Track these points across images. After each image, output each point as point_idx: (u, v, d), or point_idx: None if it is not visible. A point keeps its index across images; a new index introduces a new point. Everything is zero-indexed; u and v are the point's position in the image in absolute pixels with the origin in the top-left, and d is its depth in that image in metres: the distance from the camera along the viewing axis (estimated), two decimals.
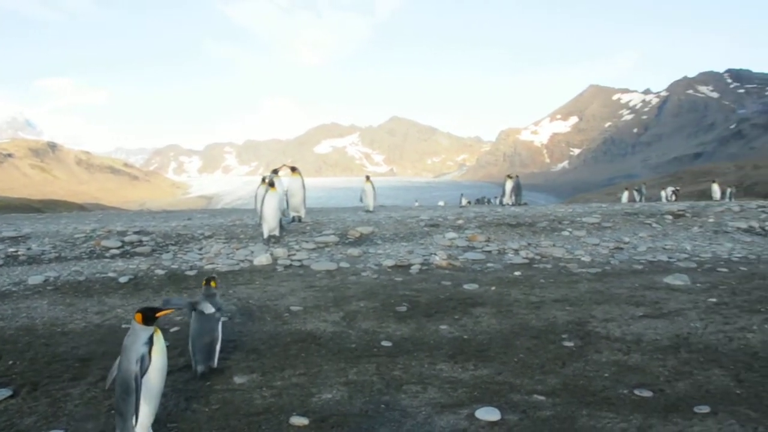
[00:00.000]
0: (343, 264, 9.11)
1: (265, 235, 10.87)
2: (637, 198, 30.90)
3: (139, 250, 10.24)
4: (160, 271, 8.63)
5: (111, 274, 8.45)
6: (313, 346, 5.34)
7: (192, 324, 4.75)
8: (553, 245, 10.32)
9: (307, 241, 10.81)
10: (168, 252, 10.13)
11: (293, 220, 13.05)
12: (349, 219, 13.58)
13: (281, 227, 11.37)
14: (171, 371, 4.00)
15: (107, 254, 10.02)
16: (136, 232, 11.47)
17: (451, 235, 11.16)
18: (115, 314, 6.51)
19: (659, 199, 32.34)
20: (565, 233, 11.58)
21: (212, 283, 5.12)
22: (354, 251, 9.96)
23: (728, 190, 31.54)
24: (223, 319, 5.00)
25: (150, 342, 3.55)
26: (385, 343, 5.40)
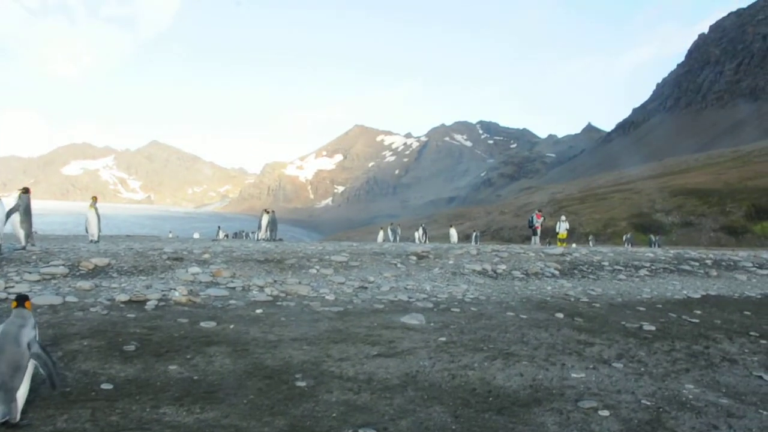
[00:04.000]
0: (71, 298, 8.46)
1: None
2: (392, 238, 32.82)
3: None
4: None
5: None
6: None
7: None
8: (299, 283, 10.53)
9: (30, 272, 9.89)
10: None
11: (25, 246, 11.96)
12: (84, 249, 12.72)
13: None
14: None
15: None
16: None
17: (195, 269, 10.90)
18: None
19: (413, 239, 34.62)
20: (313, 271, 11.87)
21: None
22: (85, 284, 9.31)
23: (474, 234, 34.82)
24: None
25: (35, 327, 4.34)
26: (105, 386, 5.08)
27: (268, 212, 22.23)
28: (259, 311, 8.43)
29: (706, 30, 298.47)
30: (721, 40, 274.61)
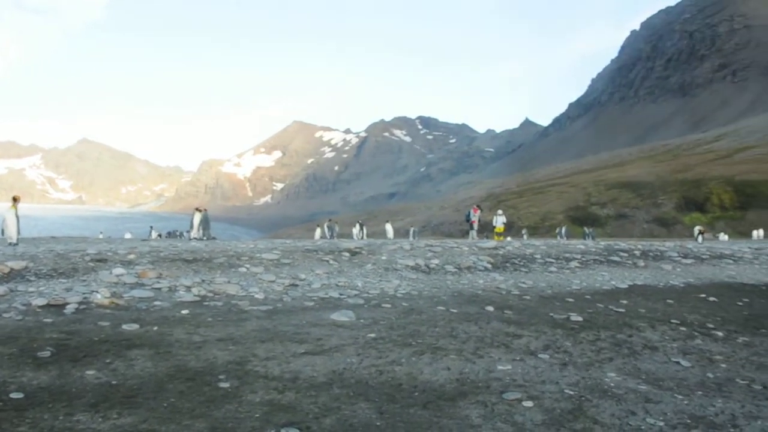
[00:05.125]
0: None
1: None
2: (328, 234, 32.72)
3: None
4: None
5: None
6: None
7: None
8: (228, 282, 10.40)
9: None
10: None
11: None
12: (0, 252, 12.25)
13: None
14: None
15: None
16: None
17: (120, 270, 10.63)
18: None
19: (352, 235, 34.61)
20: (243, 269, 11.74)
21: None
22: None
23: (411, 229, 35.07)
24: None
25: None
26: (15, 395, 4.87)
27: (200, 211, 21.90)
28: (184, 312, 8.27)
29: (637, 27, 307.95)
30: (651, 37, 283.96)
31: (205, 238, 21.68)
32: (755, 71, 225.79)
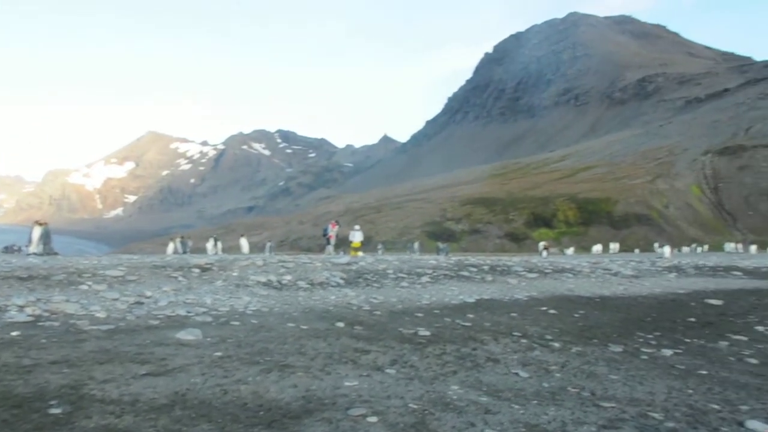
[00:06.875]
0: None
1: None
2: (181, 250, 31.77)
3: None
4: None
5: None
6: None
7: None
8: (67, 300, 9.83)
9: None
10: None
11: None
12: None
13: None
14: None
15: None
16: None
17: None
18: None
19: (206, 251, 33.79)
20: (84, 287, 11.16)
21: None
22: None
23: (268, 244, 34.77)
24: None
25: None
26: None
27: (40, 224, 20.67)
28: (15, 334, 7.73)
29: (491, 50, 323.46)
30: (503, 59, 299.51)
31: (45, 253, 20.45)
32: (594, 96, 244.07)
